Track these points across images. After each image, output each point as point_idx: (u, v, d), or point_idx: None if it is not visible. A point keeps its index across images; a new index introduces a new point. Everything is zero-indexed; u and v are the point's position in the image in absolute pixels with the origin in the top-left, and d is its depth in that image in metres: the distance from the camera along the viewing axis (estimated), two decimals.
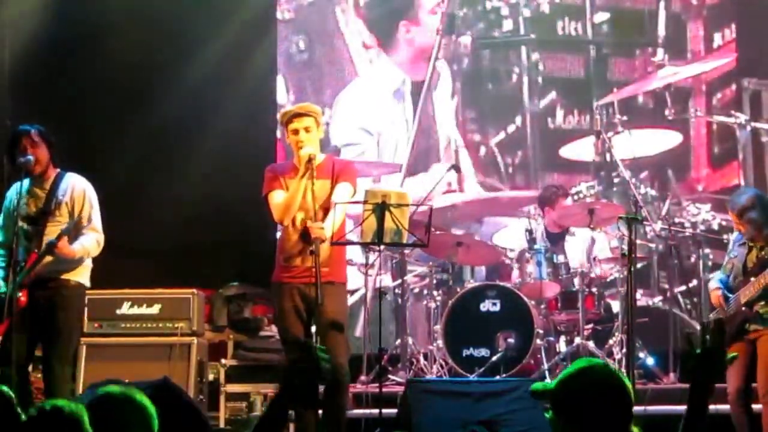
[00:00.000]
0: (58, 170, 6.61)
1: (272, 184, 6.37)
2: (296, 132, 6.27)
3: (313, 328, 6.30)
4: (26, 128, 6.53)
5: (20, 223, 6.42)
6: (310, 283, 6.07)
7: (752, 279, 6.41)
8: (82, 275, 6.56)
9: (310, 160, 6.13)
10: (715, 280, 6.71)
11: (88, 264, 6.60)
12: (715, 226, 9.30)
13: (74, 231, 6.42)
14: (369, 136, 9.82)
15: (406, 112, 9.88)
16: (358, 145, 9.78)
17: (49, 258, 6.33)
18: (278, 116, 6.88)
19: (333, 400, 6.20)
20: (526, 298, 8.07)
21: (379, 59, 10.04)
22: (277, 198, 6.31)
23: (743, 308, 6.43)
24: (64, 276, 6.47)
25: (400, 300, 8.44)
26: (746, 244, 6.58)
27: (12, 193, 6.52)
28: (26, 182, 6.50)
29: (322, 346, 3.17)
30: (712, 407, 7.08)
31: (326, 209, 6.22)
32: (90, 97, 9.46)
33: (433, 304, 8.35)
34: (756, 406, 6.50)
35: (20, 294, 6.28)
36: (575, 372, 3.23)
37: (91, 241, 6.50)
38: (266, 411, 3.25)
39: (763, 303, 6.40)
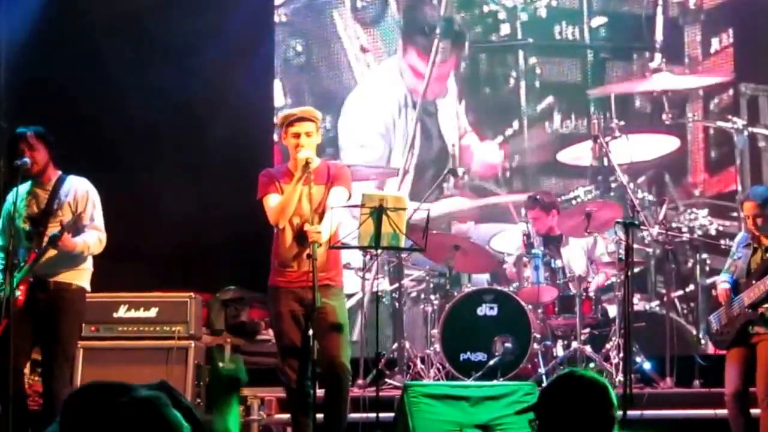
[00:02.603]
0: (60, 172, 6.62)
1: (268, 187, 6.37)
2: (297, 135, 6.26)
3: (311, 332, 6.28)
4: (23, 131, 6.53)
5: (21, 224, 6.42)
6: (306, 287, 6.07)
7: (755, 281, 6.41)
8: (83, 279, 6.57)
9: (307, 164, 6.13)
10: (723, 276, 6.69)
11: (89, 268, 6.61)
12: (713, 231, 9.31)
13: (74, 228, 6.43)
14: (382, 139, 9.81)
15: (408, 123, 9.87)
16: (372, 147, 9.78)
17: (50, 253, 6.33)
18: (278, 118, 6.85)
19: (333, 397, 6.24)
20: (523, 303, 8.07)
21: (378, 64, 10.04)
22: (272, 201, 6.31)
23: (747, 310, 6.42)
24: (66, 279, 6.48)
25: (397, 304, 8.45)
26: (750, 245, 6.57)
27: (12, 197, 6.52)
28: (27, 184, 6.52)
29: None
30: (711, 411, 7.15)
31: (322, 214, 6.22)
32: (86, 100, 9.45)
33: (430, 308, 8.35)
34: (754, 411, 6.50)
35: (18, 293, 6.27)
36: (556, 381, 3.29)
37: (93, 238, 6.51)
38: None
39: (767, 305, 6.40)
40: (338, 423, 6.24)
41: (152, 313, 7.79)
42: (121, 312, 7.79)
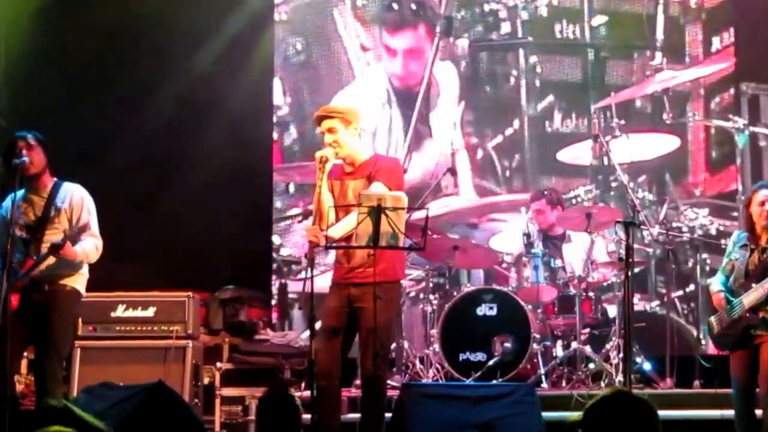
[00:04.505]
0: (56, 179, 6.65)
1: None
2: (323, 134, 6.28)
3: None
4: (22, 134, 6.58)
5: (17, 232, 6.41)
6: (352, 284, 6.14)
7: (754, 283, 6.36)
8: (78, 282, 6.59)
9: (321, 162, 6.13)
10: (716, 282, 6.64)
11: (84, 272, 6.63)
12: (713, 231, 9.28)
13: (74, 237, 6.45)
14: (365, 133, 9.80)
15: (393, 121, 9.86)
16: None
17: (50, 260, 6.33)
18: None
19: (362, 400, 6.30)
20: (522, 303, 8.04)
21: (378, 63, 10.03)
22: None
23: (747, 314, 6.38)
24: (61, 281, 6.48)
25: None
26: (747, 246, 6.53)
27: (7, 202, 6.52)
28: (22, 192, 6.53)
29: None
30: (717, 412, 7.11)
31: None
32: (86, 99, 9.43)
33: (429, 308, 8.32)
34: (758, 412, 6.47)
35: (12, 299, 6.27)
36: (601, 400, 3.27)
37: (91, 246, 6.54)
38: None
39: None
40: (371, 425, 6.23)
41: (150, 312, 7.77)
42: (119, 311, 7.77)
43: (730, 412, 6.61)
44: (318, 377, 6.20)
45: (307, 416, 6.28)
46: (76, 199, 6.58)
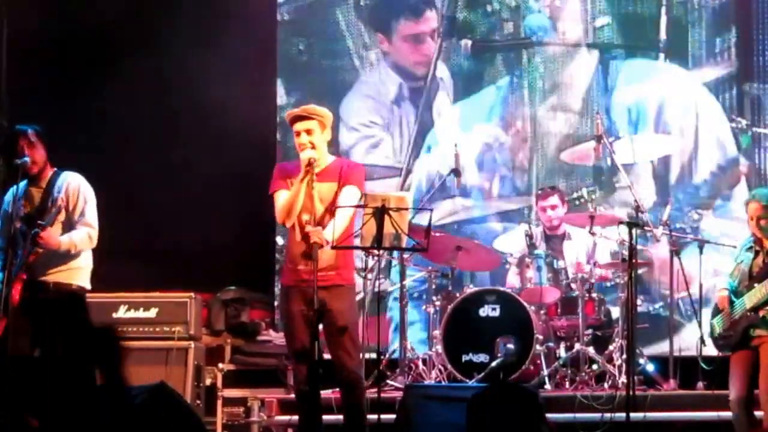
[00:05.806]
0: (55, 169, 6.58)
1: (278, 183, 6.33)
2: (299, 134, 6.26)
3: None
4: (23, 128, 6.53)
5: (17, 225, 6.39)
6: (321, 286, 6.05)
7: (756, 284, 6.37)
8: (82, 278, 6.54)
9: (309, 163, 6.11)
10: (722, 282, 6.66)
11: (86, 266, 6.57)
12: (716, 232, 9.26)
13: (67, 223, 6.42)
14: (378, 126, 9.81)
15: (406, 117, 9.87)
16: (372, 137, 9.76)
17: (40, 252, 6.29)
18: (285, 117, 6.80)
19: (348, 402, 6.28)
20: (525, 304, 8.02)
21: (379, 62, 10.02)
22: (280, 199, 6.27)
23: (748, 313, 6.38)
24: (65, 280, 6.45)
25: (399, 305, 8.40)
26: (753, 248, 6.54)
27: (9, 197, 6.49)
28: (23, 184, 6.49)
29: None
30: (715, 414, 7.11)
31: (334, 212, 6.18)
32: (88, 98, 9.43)
33: (432, 309, 8.31)
34: (758, 413, 6.47)
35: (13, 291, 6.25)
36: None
37: (82, 235, 6.47)
38: None
39: None
40: (357, 426, 6.25)
41: (152, 313, 7.78)
42: (121, 312, 7.78)
43: None
44: (298, 382, 6.25)
45: (295, 417, 6.32)
46: (72, 186, 6.52)
